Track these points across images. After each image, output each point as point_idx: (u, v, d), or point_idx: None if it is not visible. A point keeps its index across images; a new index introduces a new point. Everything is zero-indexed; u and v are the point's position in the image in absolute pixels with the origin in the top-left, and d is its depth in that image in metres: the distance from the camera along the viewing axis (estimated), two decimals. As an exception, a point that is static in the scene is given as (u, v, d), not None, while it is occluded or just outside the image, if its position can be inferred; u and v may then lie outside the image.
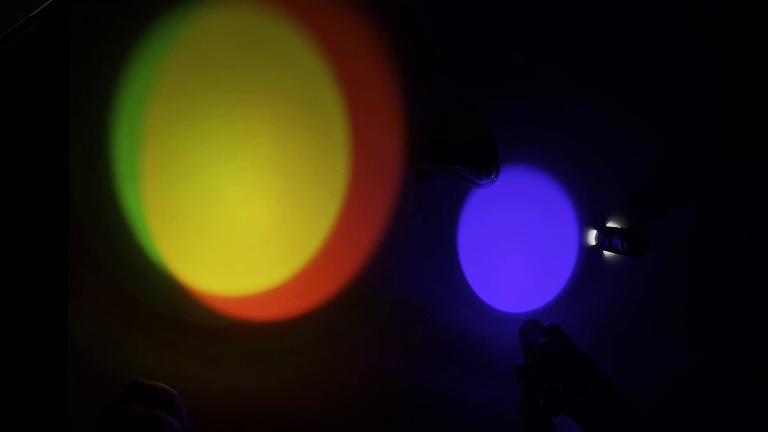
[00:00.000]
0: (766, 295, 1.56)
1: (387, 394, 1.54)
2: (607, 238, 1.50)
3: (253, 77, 1.45)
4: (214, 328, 1.49)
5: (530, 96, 1.51)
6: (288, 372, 1.51)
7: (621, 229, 1.51)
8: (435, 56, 1.47)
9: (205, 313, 1.49)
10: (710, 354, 1.57)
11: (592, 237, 1.55)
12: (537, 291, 1.56)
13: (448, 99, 1.49)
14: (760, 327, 1.57)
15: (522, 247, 1.54)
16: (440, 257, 1.53)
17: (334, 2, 1.45)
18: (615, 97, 1.52)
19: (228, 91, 1.45)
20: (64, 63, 1.40)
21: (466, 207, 1.53)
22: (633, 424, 1.02)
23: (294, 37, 1.45)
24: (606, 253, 1.55)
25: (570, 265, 1.55)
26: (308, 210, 1.49)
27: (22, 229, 1.42)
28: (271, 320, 1.51)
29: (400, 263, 1.52)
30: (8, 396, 1.42)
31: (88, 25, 1.40)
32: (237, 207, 1.47)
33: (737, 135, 1.54)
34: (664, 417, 1.57)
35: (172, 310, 1.48)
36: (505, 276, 1.55)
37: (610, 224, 1.55)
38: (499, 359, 1.54)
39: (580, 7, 1.48)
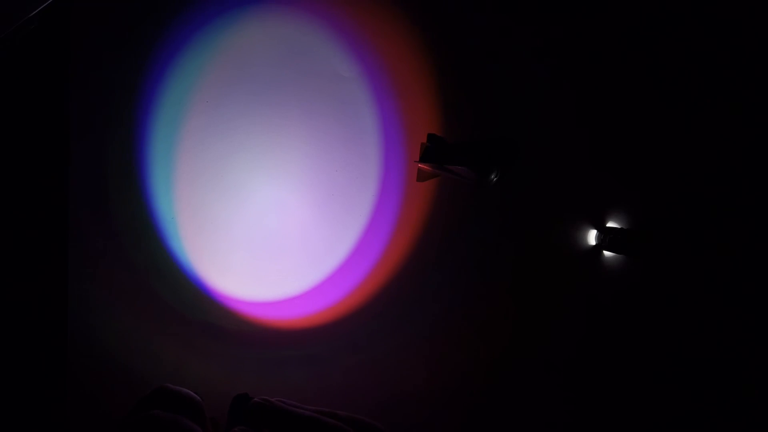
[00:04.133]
0: (766, 295, 1.56)
1: (408, 404, 1.55)
2: (607, 238, 1.50)
3: (287, 88, 1.48)
4: (239, 332, 1.51)
5: (531, 97, 1.52)
6: (309, 379, 1.53)
7: (621, 229, 1.51)
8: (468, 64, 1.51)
9: (231, 317, 1.51)
10: (709, 352, 1.57)
11: (592, 237, 1.55)
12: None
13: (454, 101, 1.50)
14: (760, 325, 1.57)
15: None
16: (473, 268, 1.54)
17: (368, 15, 1.47)
18: (615, 99, 1.53)
19: (262, 101, 1.48)
20: (64, 63, 1.41)
21: (481, 211, 1.54)
22: None
23: (327, 49, 1.47)
24: (606, 253, 1.55)
25: (572, 267, 1.57)
26: (336, 219, 1.51)
27: (18, 229, 1.42)
28: (295, 327, 1.53)
29: (429, 275, 1.53)
30: (24, 395, 1.42)
31: (90, 26, 1.42)
32: (267, 214, 1.50)
33: (737, 135, 1.55)
34: (659, 415, 1.57)
35: (198, 313, 1.50)
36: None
37: (610, 224, 1.55)
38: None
39: (582, 12, 1.49)
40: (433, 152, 1.49)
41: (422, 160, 1.49)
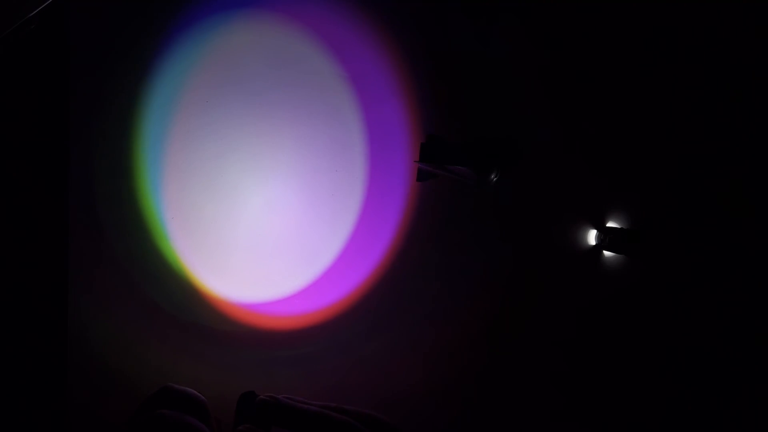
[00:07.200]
0: (765, 294, 1.56)
1: (398, 402, 1.55)
2: (607, 238, 1.50)
3: (278, 94, 1.49)
4: (230, 333, 1.52)
5: (531, 97, 1.52)
6: (299, 379, 1.53)
7: (621, 228, 1.51)
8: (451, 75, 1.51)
9: (222, 318, 1.52)
10: (709, 352, 1.57)
11: (592, 237, 1.55)
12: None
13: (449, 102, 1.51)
14: (760, 325, 1.57)
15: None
16: (457, 266, 1.55)
17: (356, 24, 1.48)
18: (615, 98, 1.53)
19: (253, 106, 1.48)
20: (64, 63, 1.41)
21: (475, 211, 1.55)
22: None
23: (316, 56, 1.48)
24: (606, 253, 1.55)
25: (580, 269, 1.57)
26: (326, 221, 1.52)
27: (17, 231, 1.42)
28: (288, 328, 1.54)
29: (414, 274, 1.54)
30: (16, 396, 1.42)
31: (90, 26, 1.43)
32: (259, 215, 1.51)
33: (736, 135, 1.54)
34: (658, 414, 1.57)
35: (189, 315, 1.51)
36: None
37: (610, 224, 1.55)
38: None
39: (585, 12, 1.49)
40: (432, 152, 1.50)
41: (422, 159, 1.49)
